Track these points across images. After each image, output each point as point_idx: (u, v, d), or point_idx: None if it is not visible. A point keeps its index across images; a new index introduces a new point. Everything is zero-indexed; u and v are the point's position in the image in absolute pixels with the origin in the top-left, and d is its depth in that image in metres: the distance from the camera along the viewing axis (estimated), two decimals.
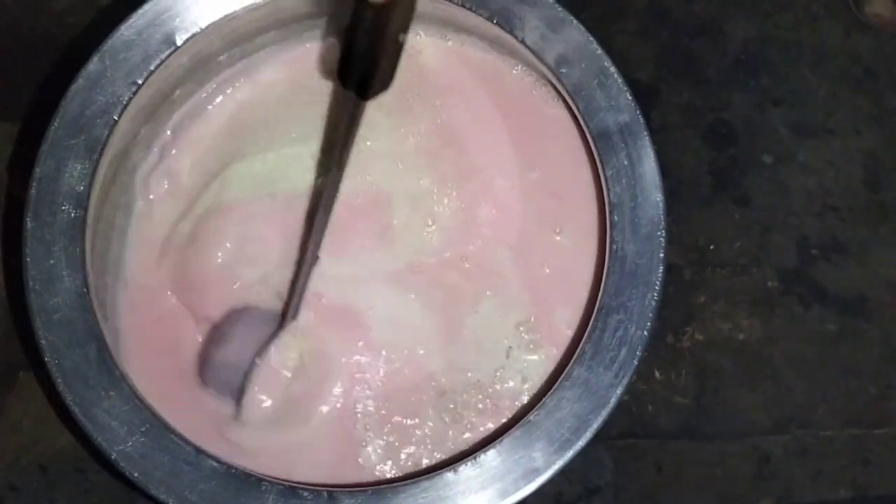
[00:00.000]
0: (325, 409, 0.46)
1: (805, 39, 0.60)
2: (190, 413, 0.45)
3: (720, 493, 0.53)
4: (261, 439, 0.45)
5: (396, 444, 0.46)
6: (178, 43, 0.45)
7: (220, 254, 0.48)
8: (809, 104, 0.59)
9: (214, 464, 0.42)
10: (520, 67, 0.50)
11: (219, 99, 0.50)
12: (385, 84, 0.34)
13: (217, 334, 0.47)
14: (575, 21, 0.45)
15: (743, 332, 0.55)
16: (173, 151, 0.49)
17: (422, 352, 0.48)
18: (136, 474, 0.41)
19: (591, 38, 0.45)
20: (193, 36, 0.46)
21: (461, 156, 0.50)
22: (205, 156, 0.49)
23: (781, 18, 0.60)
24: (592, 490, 0.52)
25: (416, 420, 0.46)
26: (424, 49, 0.51)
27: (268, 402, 0.45)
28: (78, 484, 0.51)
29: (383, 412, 0.47)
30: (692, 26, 0.59)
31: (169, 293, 0.48)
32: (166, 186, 0.49)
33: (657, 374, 0.54)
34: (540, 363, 0.47)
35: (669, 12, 0.59)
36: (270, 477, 0.42)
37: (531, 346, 0.47)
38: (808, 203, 0.57)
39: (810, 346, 0.55)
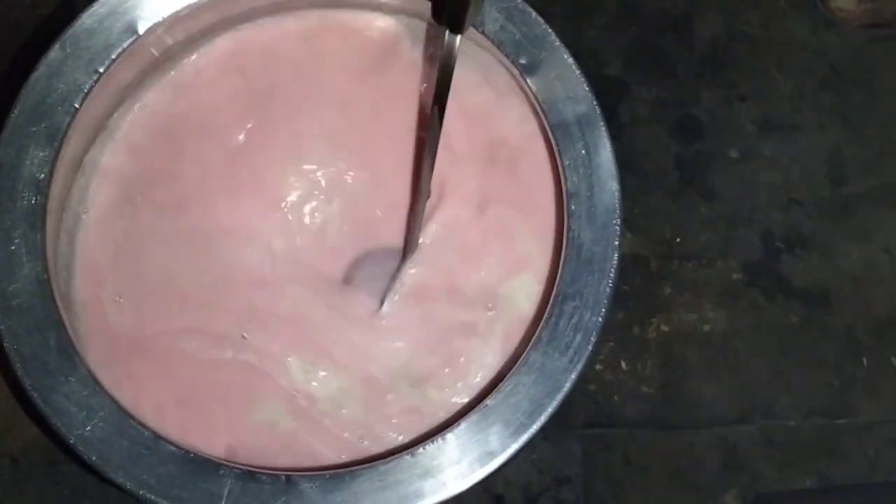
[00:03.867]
0: None
1: (772, 36, 0.60)
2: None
3: (688, 482, 0.54)
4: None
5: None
6: (140, 32, 0.45)
7: None
8: (775, 100, 0.59)
9: (172, 448, 0.42)
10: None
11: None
12: (474, 17, 0.38)
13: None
14: (534, 13, 0.45)
15: (708, 324, 0.56)
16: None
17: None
18: (94, 458, 0.41)
19: (550, 30, 0.45)
20: (154, 25, 0.46)
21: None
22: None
23: (749, 15, 0.61)
24: (562, 480, 0.53)
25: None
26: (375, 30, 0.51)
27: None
28: (49, 476, 0.51)
29: None
30: (661, 22, 0.60)
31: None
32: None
33: (623, 364, 0.55)
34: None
35: (639, 8, 0.60)
36: (228, 462, 0.43)
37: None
38: (773, 197, 0.58)
39: (774, 338, 0.56)
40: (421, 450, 0.42)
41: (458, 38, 0.39)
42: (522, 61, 0.45)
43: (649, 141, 0.58)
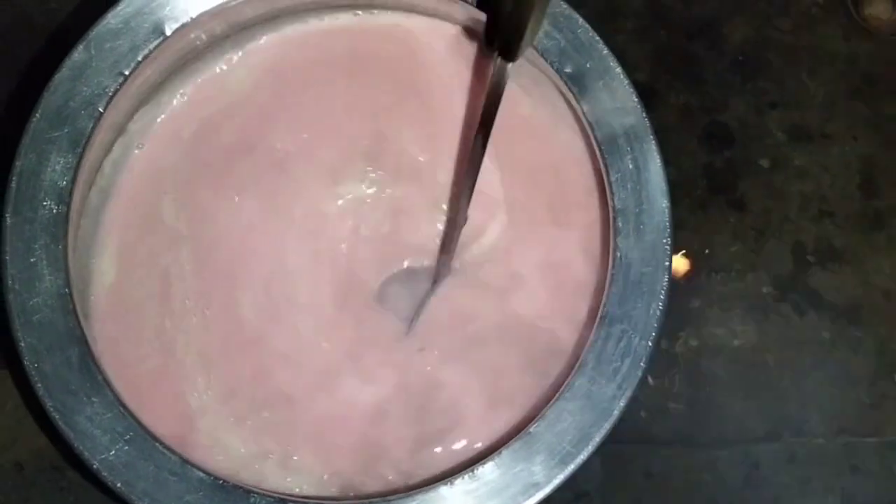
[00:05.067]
0: None
1: (803, 43, 0.59)
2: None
3: (708, 499, 0.53)
4: None
5: None
6: (168, 33, 0.44)
7: None
8: (807, 108, 0.58)
9: (201, 474, 0.40)
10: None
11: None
12: (529, 43, 0.36)
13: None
14: (581, 19, 0.44)
15: (737, 338, 0.55)
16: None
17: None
18: (119, 485, 0.40)
19: (598, 37, 0.43)
20: (183, 26, 0.44)
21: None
22: None
23: (780, 21, 0.59)
24: (580, 494, 0.52)
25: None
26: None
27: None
28: (54, 482, 0.50)
29: None
30: (690, 27, 0.59)
31: None
32: None
33: (650, 379, 0.54)
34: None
35: (668, 13, 0.59)
36: (258, 489, 0.41)
37: None
38: (804, 208, 0.57)
39: (804, 354, 0.55)
40: (459, 479, 0.41)
41: (510, 65, 0.37)
42: (568, 70, 0.44)
43: (677, 149, 0.57)
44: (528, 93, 0.47)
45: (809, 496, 0.53)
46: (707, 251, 0.56)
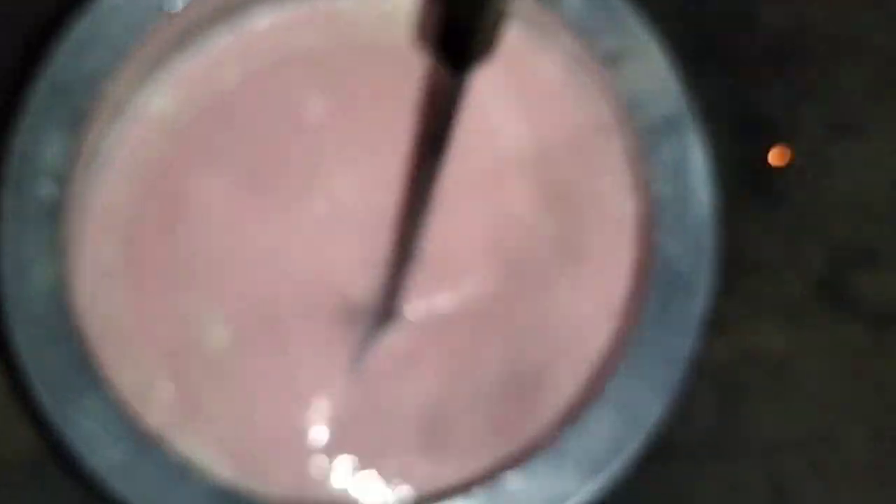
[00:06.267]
0: None
1: (843, 33, 0.57)
2: None
3: None
4: None
5: None
6: (171, 9, 0.42)
7: None
8: (846, 102, 0.56)
9: (202, 478, 0.38)
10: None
11: None
12: (489, 50, 0.26)
13: None
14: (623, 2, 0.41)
15: (769, 343, 0.53)
16: None
17: None
18: (118, 489, 0.38)
19: (637, 17, 0.41)
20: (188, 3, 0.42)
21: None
22: None
23: (821, 9, 0.57)
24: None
25: None
26: None
27: None
28: (39, 481, 0.48)
29: None
30: (725, 13, 0.56)
31: None
32: None
33: None
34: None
35: None
36: (262, 495, 0.39)
37: None
38: (843, 207, 0.55)
39: (840, 361, 0.53)
40: (479, 490, 0.38)
41: (464, 78, 0.27)
42: (604, 51, 0.41)
43: (710, 141, 0.55)
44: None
45: None
46: (739, 250, 0.54)
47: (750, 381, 0.52)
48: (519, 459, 0.39)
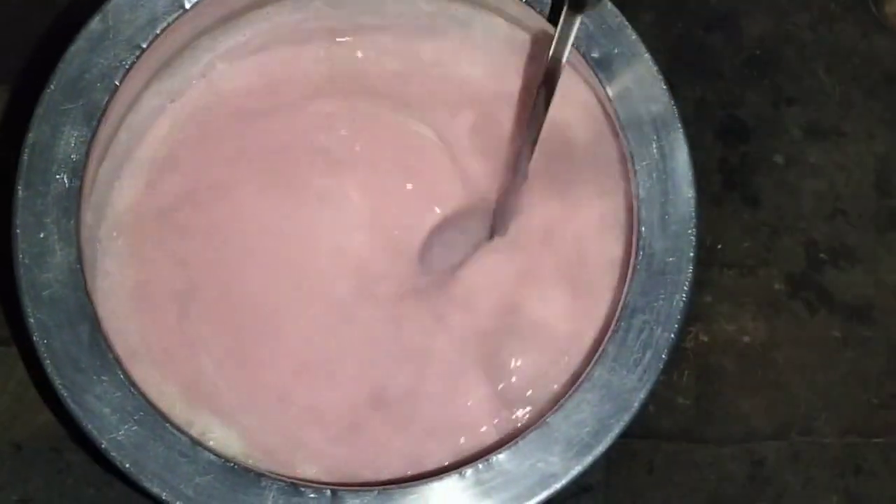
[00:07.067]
0: None
1: (822, 39, 0.58)
2: None
3: (711, 496, 0.53)
4: None
5: None
6: (187, 5, 0.43)
7: None
8: (823, 105, 0.58)
9: (212, 456, 0.40)
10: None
11: None
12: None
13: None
14: (609, 3, 0.43)
15: (748, 335, 0.54)
16: None
17: None
18: (127, 465, 0.39)
19: (626, 22, 0.43)
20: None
21: None
22: None
23: (799, 16, 0.59)
24: (584, 488, 0.51)
25: None
26: None
27: None
28: (53, 463, 0.49)
29: None
30: (708, 19, 0.58)
31: None
32: None
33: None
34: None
35: (685, 4, 0.58)
36: (271, 473, 0.40)
37: None
38: (818, 206, 0.56)
39: (815, 352, 0.54)
40: (472, 469, 0.40)
41: (577, 18, 0.36)
42: (595, 55, 0.43)
43: (691, 142, 0.56)
44: None
45: (813, 495, 0.53)
46: (720, 246, 0.55)
47: (728, 370, 0.54)
48: (508, 440, 0.40)
